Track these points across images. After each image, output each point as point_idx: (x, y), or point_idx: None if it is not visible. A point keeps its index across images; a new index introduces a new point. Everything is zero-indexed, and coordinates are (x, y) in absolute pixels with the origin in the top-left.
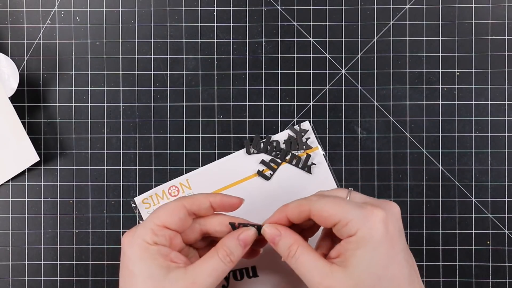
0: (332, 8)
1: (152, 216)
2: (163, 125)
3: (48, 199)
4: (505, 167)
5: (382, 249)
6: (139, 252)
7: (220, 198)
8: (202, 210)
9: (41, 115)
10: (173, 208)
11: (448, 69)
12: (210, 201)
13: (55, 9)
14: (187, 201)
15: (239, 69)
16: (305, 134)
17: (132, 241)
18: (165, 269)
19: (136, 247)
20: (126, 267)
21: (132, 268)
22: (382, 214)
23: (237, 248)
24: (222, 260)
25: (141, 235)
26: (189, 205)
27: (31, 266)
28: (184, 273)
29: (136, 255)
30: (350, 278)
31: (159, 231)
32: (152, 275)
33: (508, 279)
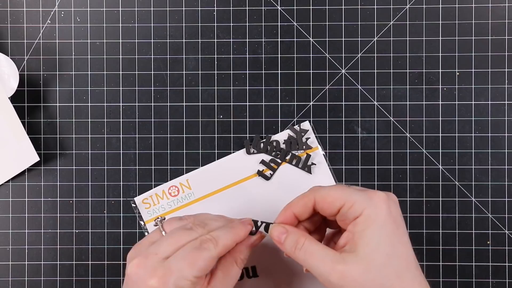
0: (332, 8)
1: (188, 268)
2: (163, 125)
3: (48, 199)
4: (505, 167)
5: (388, 228)
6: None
7: (243, 235)
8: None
9: (41, 115)
10: (211, 261)
11: (448, 69)
12: (236, 242)
13: (55, 9)
14: (220, 251)
15: (239, 69)
16: (305, 134)
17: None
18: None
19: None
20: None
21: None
22: (383, 195)
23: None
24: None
25: (179, 285)
26: (221, 254)
27: (31, 266)
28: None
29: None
30: (361, 259)
31: (197, 282)
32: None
33: (508, 279)
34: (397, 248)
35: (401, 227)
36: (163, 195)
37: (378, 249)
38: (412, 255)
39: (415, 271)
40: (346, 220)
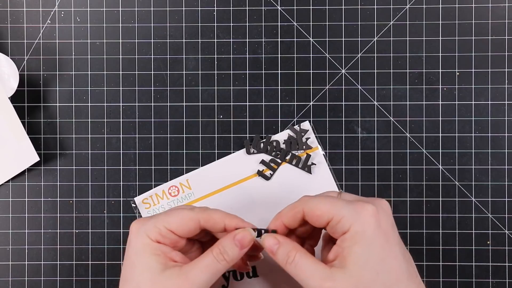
0: (332, 8)
1: (164, 218)
2: (163, 125)
3: (48, 199)
4: (505, 167)
5: (377, 243)
6: (142, 245)
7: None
8: (215, 229)
9: (41, 115)
10: (187, 220)
11: (448, 69)
12: (225, 224)
13: (55, 9)
14: (203, 216)
15: (239, 69)
16: (305, 134)
17: (138, 233)
18: (163, 265)
19: (140, 239)
20: (128, 257)
21: (133, 258)
22: (372, 209)
23: (233, 248)
24: (215, 257)
25: (147, 231)
26: (203, 222)
27: (31, 266)
28: (179, 270)
29: (139, 247)
30: (350, 276)
31: (166, 234)
32: (150, 268)
33: (508, 279)
34: (387, 263)
35: (392, 238)
36: (163, 195)
37: (367, 266)
38: (403, 267)
39: (406, 281)
40: (335, 233)
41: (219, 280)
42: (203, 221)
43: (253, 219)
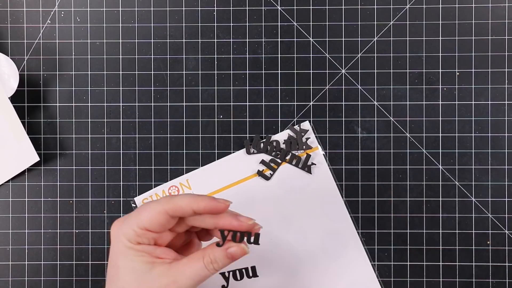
0: (332, 8)
1: (135, 217)
2: (163, 125)
3: (48, 199)
4: (505, 167)
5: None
6: (122, 249)
7: (204, 205)
8: (186, 215)
9: (41, 115)
10: (154, 213)
11: (448, 69)
12: (193, 209)
13: (55, 9)
14: (169, 206)
15: (239, 69)
16: (305, 134)
17: (117, 236)
18: (149, 265)
19: (120, 243)
20: (111, 259)
21: (116, 260)
22: None
23: (224, 259)
24: (206, 266)
25: (125, 234)
26: (171, 212)
27: (31, 266)
28: (168, 269)
29: (120, 251)
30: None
31: (142, 234)
32: (135, 269)
33: (508, 279)
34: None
35: None
36: (163, 195)
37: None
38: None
39: None
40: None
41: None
42: (171, 211)
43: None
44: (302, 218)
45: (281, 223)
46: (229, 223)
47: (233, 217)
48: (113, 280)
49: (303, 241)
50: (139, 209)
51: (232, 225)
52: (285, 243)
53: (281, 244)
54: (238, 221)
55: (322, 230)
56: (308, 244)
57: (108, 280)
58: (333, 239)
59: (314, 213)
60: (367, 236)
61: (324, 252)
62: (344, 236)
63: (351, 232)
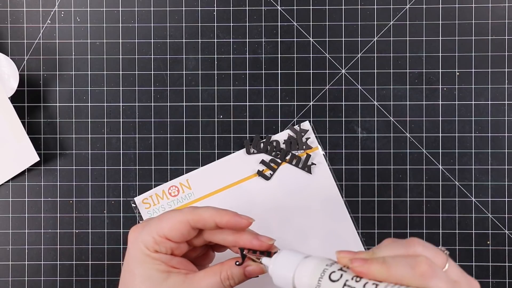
0: (332, 8)
1: (156, 225)
2: (163, 125)
3: (48, 199)
4: (505, 167)
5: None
6: (140, 255)
7: (227, 220)
8: (208, 228)
9: (41, 115)
10: (177, 223)
11: (448, 69)
12: (216, 222)
13: (55, 9)
14: (193, 217)
15: (239, 69)
16: (305, 134)
17: (135, 242)
18: (165, 274)
19: (138, 250)
20: (127, 264)
21: (132, 268)
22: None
23: (241, 277)
24: (222, 281)
25: (144, 241)
26: (193, 223)
27: (31, 266)
28: (183, 281)
29: (137, 257)
30: None
31: (161, 242)
32: (151, 277)
33: (508, 279)
34: None
35: None
36: (163, 195)
37: None
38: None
39: None
40: None
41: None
42: (193, 222)
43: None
44: (302, 218)
45: (281, 223)
46: (250, 242)
47: (253, 236)
48: (127, 286)
49: (303, 241)
50: (161, 217)
51: (253, 245)
52: (285, 243)
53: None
54: (259, 241)
55: (322, 230)
56: (308, 244)
57: (122, 284)
58: (333, 239)
59: (314, 213)
60: (367, 236)
61: (324, 252)
62: (344, 236)
63: (351, 232)
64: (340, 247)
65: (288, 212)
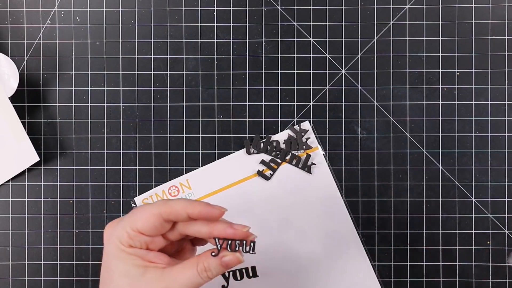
0: (332, 8)
1: (129, 219)
2: (163, 125)
3: (48, 199)
4: (505, 167)
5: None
6: (116, 251)
7: (199, 210)
8: (180, 219)
9: (41, 115)
10: (148, 216)
11: (448, 69)
12: (188, 213)
13: (55, 9)
14: (164, 210)
15: (239, 69)
16: (305, 134)
17: (110, 238)
18: (142, 269)
19: (113, 245)
20: (104, 261)
21: (109, 264)
22: None
23: (218, 267)
24: (199, 274)
25: (118, 236)
26: (166, 215)
27: (31, 266)
28: (161, 275)
29: (113, 253)
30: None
31: (135, 236)
32: (128, 273)
33: (508, 279)
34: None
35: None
36: (163, 195)
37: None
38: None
39: None
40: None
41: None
42: (165, 214)
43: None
44: (302, 218)
45: (281, 223)
46: (224, 231)
47: (227, 225)
48: (106, 283)
49: (303, 241)
50: (133, 211)
51: (227, 233)
52: (285, 243)
53: (281, 244)
54: (232, 229)
55: (322, 230)
56: (308, 244)
57: (102, 282)
58: (333, 239)
59: (314, 213)
60: (367, 236)
61: (324, 252)
62: (344, 236)
63: (351, 232)
64: (340, 247)
65: (288, 212)
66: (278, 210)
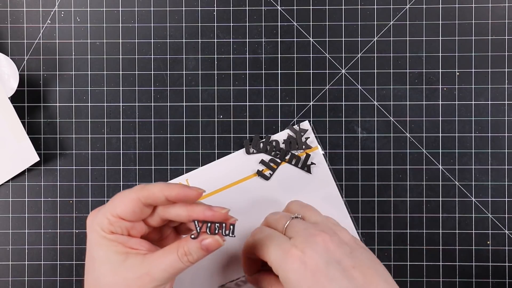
0: (332, 8)
1: (109, 205)
2: (163, 125)
3: (48, 199)
4: (505, 167)
5: (303, 286)
6: (97, 238)
7: (176, 192)
8: (159, 203)
9: (41, 115)
10: (127, 201)
11: (448, 69)
12: (165, 195)
13: (55, 9)
14: (142, 193)
15: (239, 69)
16: (304, 133)
17: (92, 226)
18: (123, 255)
19: (94, 233)
20: (87, 249)
21: (91, 251)
22: (297, 254)
23: (198, 251)
24: (180, 258)
25: (99, 223)
26: (144, 199)
27: (31, 266)
28: (141, 261)
29: (95, 241)
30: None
31: (115, 222)
32: (110, 259)
33: (508, 279)
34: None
35: (323, 276)
36: None
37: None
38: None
39: None
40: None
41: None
42: (143, 198)
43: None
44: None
45: None
46: (202, 213)
47: (206, 207)
48: (89, 271)
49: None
50: (113, 198)
51: (206, 216)
52: None
53: None
54: (211, 211)
55: None
56: None
57: (86, 271)
58: None
59: None
60: (367, 236)
61: None
62: None
63: (351, 232)
64: None
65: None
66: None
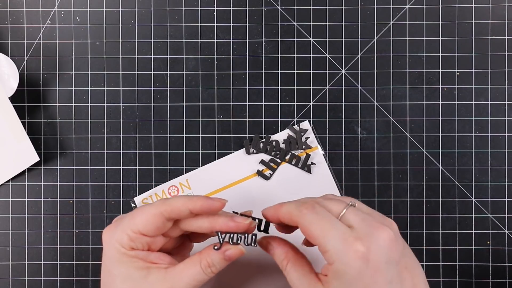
0: (332, 8)
1: (129, 221)
2: (163, 125)
3: (48, 199)
4: (505, 167)
5: (360, 284)
6: (117, 255)
7: (200, 205)
8: (183, 216)
9: (41, 115)
10: (150, 216)
11: (448, 69)
12: (189, 209)
13: (55, 9)
14: (165, 208)
15: (239, 69)
16: (304, 133)
17: (110, 242)
18: (144, 271)
19: (114, 250)
20: (105, 266)
21: (111, 268)
22: (361, 250)
23: (221, 262)
24: (203, 270)
25: (118, 239)
26: (167, 214)
27: (31, 266)
28: (164, 275)
29: (114, 257)
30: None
31: (136, 238)
32: (131, 276)
33: (508, 279)
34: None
35: (382, 277)
36: (163, 195)
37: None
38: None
39: None
40: (323, 257)
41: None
42: (166, 213)
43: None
44: None
45: None
46: (226, 225)
47: (229, 218)
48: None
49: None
50: (133, 213)
51: (229, 227)
52: None
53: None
54: (234, 222)
55: None
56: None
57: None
58: None
59: None
60: None
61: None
62: None
63: None
64: None
65: None
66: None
